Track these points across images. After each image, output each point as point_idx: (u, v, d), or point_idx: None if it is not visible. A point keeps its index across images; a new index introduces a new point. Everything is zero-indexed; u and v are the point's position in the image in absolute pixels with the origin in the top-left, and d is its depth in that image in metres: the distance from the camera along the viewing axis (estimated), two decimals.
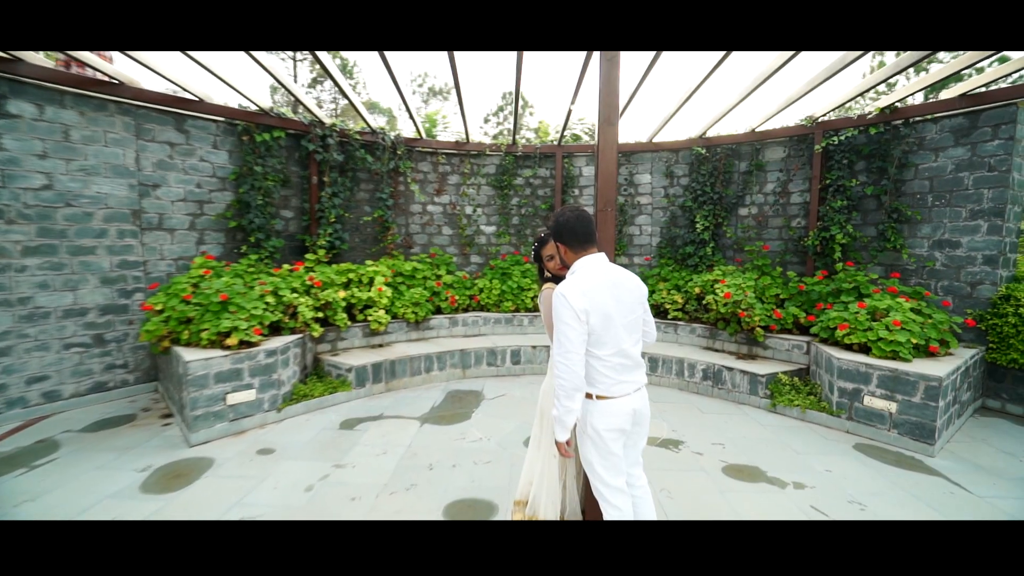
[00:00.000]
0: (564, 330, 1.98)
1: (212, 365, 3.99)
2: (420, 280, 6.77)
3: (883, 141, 5.56)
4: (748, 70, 20.59)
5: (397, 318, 6.33)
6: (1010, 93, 4.74)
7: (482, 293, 7.17)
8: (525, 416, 4.77)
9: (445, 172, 7.61)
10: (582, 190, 7.87)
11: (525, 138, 7.72)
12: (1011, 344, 4.81)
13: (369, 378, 5.31)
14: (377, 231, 7.01)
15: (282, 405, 4.54)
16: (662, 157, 7.48)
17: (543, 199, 7.90)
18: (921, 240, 5.43)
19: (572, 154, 7.80)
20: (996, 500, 3.32)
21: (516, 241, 7.94)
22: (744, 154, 6.85)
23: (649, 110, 13.58)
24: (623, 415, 2.10)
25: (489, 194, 7.83)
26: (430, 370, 5.84)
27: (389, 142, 6.81)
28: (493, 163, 7.80)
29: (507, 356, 6.28)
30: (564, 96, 23.59)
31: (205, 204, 5.56)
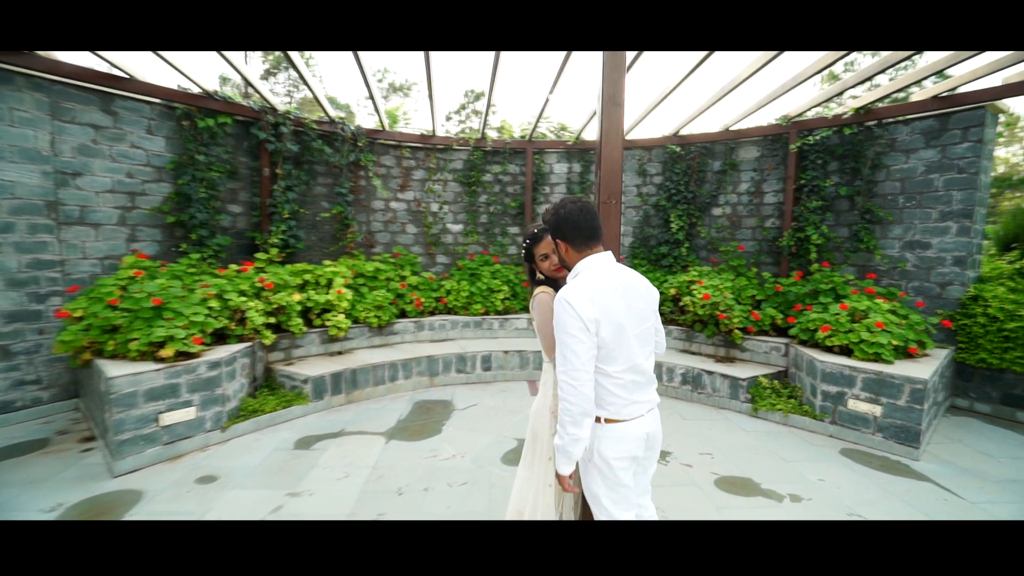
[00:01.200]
0: (570, 344, 1.66)
1: (142, 380, 3.44)
2: (383, 282, 6.32)
3: (856, 142, 5.55)
4: (725, 68, 21.06)
5: (358, 323, 5.86)
6: (979, 96, 4.78)
7: (450, 295, 6.78)
8: (500, 428, 4.43)
9: (410, 167, 7.17)
10: (553, 188, 7.61)
11: (495, 130, 7.36)
12: (980, 344, 4.86)
13: (328, 389, 4.84)
14: (336, 229, 6.50)
15: (228, 423, 4.02)
16: (635, 155, 7.31)
17: (513, 197, 7.59)
18: (892, 241, 5.45)
19: (543, 150, 7.53)
20: (989, 506, 3.24)
21: (485, 240, 7.59)
22: (718, 153, 6.76)
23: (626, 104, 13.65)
24: (636, 440, 1.81)
25: (456, 191, 7.45)
26: (395, 379, 5.41)
27: (349, 133, 6.32)
28: (460, 158, 7.42)
29: (477, 362, 5.92)
30: (528, 94, 23.50)
31: (138, 196, 4.92)
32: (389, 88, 29.57)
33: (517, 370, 6.04)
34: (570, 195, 1.93)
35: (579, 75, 9.89)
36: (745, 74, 4.75)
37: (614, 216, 2.02)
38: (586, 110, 7.19)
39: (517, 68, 48.45)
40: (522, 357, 6.04)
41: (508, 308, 6.96)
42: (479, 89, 23.34)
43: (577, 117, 17.89)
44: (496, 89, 5.39)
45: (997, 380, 4.86)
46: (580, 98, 19.11)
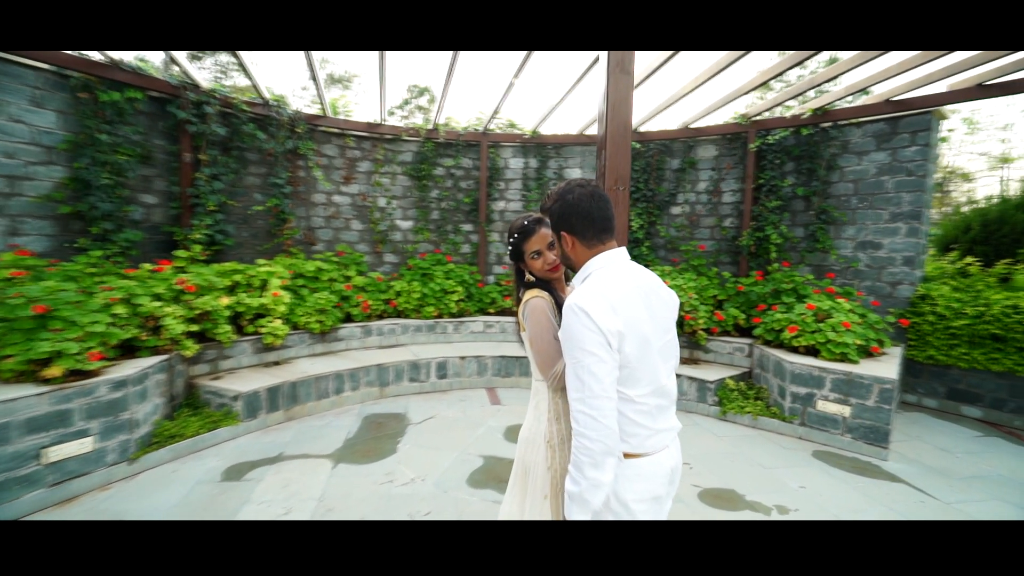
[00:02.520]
0: (587, 364, 1.31)
1: (16, 408, 2.75)
2: (326, 283, 5.72)
3: (812, 143, 5.61)
4: (687, 67, 21.52)
5: (298, 329, 5.25)
6: (926, 102, 4.92)
7: (400, 297, 6.28)
8: (462, 444, 4.03)
9: (355, 158, 6.58)
10: (508, 184, 7.28)
11: (440, 126, 6.88)
12: (928, 341, 5.01)
13: (263, 406, 4.23)
14: (271, 224, 5.82)
15: (137, 453, 3.36)
16: (592, 151, 7.11)
17: (466, 192, 7.18)
18: (846, 241, 5.54)
19: (498, 144, 7.17)
20: (962, 505, 3.23)
21: (436, 238, 7.13)
22: (677, 151, 6.68)
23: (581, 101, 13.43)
24: (661, 478, 1.49)
25: (406, 185, 6.94)
26: (341, 391, 4.86)
27: (286, 117, 5.67)
28: (411, 150, 6.92)
29: (432, 369, 5.48)
30: (479, 87, 22.84)
31: (20, 181, 4.09)
32: (328, 79, 28.17)
33: (475, 377, 5.65)
34: (576, 178, 1.61)
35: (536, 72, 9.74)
36: (708, 74, 4.65)
37: (622, 206, 1.70)
38: (540, 109, 6.91)
39: (468, 60, 47.71)
40: (480, 363, 5.65)
41: (463, 310, 6.55)
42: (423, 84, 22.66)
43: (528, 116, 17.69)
44: (437, 85, 4.97)
45: (943, 376, 5.02)
46: (533, 96, 18.81)
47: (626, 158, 1.71)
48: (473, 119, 7.05)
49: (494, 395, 5.40)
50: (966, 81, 4.65)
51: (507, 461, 3.73)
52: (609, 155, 1.69)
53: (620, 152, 1.69)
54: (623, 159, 1.71)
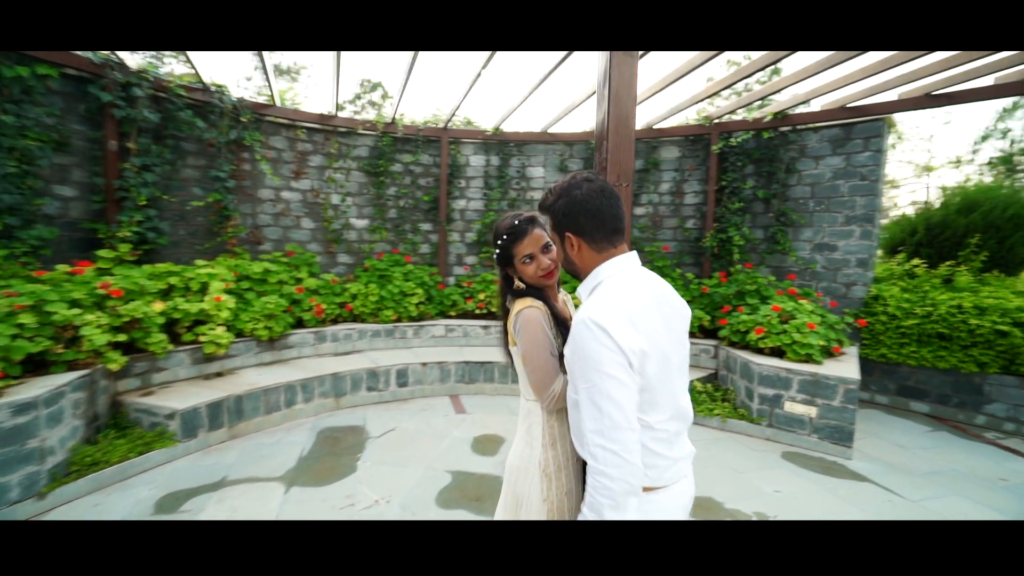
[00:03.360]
0: (607, 389, 1.12)
1: None
2: (274, 285, 5.29)
3: (772, 146, 5.71)
4: (653, 67, 21.74)
5: (244, 336, 4.81)
6: (880, 109, 5.09)
7: (356, 300, 5.91)
8: (428, 458, 3.77)
9: (306, 151, 6.14)
10: (469, 182, 7.04)
11: (393, 121, 6.55)
12: (881, 340, 5.19)
13: (204, 423, 3.81)
14: (212, 221, 5.31)
15: (49, 487, 2.89)
16: (556, 150, 6.99)
17: (425, 190, 6.89)
18: (803, 243, 5.68)
19: (459, 140, 6.92)
20: (927, 503, 3.30)
21: (394, 238, 6.79)
22: (640, 151, 6.66)
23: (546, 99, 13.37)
24: (679, 511, 1.33)
25: (361, 181, 6.56)
26: (292, 403, 4.48)
27: (229, 105, 5.18)
28: (366, 145, 6.55)
29: (392, 377, 5.17)
30: (437, 84, 22.26)
31: None
32: (275, 70, 26.81)
33: (437, 384, 5.39)
34: (581, 171, 1.41)
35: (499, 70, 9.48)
36: (676, 75, 4.63)
37: (626, 204, 1.52)
38: (501, 106, 6.72)
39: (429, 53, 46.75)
40: (442, 369, 5.39)
41: (423, 313, 6.26)
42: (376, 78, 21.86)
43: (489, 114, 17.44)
44: (388, 79, 4.69)
45: (894, 373, 5.22)
46: (495, 94, 18.52)
47: (629, 151, 1.54)
48: (430, 115, 6.76)
49: (458, 403, 5.16)
50: (916, 90, 4.83)
51: (477, 476, 3.51)
52: (611, 147, 1.51)
53: (623, 144, 1.52)
54: (626, 152, 1.54)
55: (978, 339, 4.67)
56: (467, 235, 7.09)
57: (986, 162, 15.39)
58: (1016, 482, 3.68)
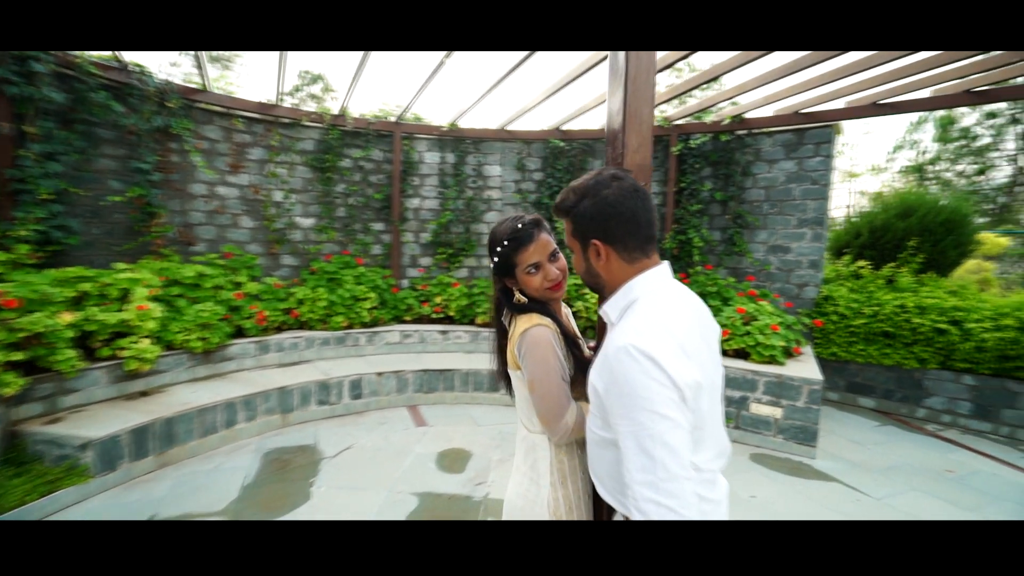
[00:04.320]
0: (660, 433, 0.92)
1: None
2: (209, 291, 4.75)
3: (729, 149, 5.80)
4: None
5: (174, 349, 4.27)
6: (831, 116, 5.27)
7: (303, 306, 5.46)
8: (390, 479, 3.47)
9: (244, 143, 5.60)
10: (423, 179, 6.71)
11: (334, 114, 6.11)
12: (832, 339, 5.38)
13: (125, 453, 3.30)
14: (134, 219, 4.70)
15: None
16: (514, 148, 6.80)
17: (377, 187, 6.50)
18: (758, 245, 5.81)
19: (413, 136, 6.58)
20: (891, 499, 3.39)
21: (343, 238, 6.36)
22: (599, 151, 6.60)
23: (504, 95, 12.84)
24: None
25: (307, 177, 6.08)
26: (233, 423, 4.02)
27: (152, 88, 4.59)
28: (312, 138, 6.07)
29: (345, 389, 4.79)
30: (389, 75, 21.15)
31: None
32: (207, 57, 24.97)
33: (394, 395, 5.05)
34: (607, 168, 1.19)
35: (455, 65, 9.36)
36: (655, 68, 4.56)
37: None
38: (456, 102, 6.45)
39: None
40: (399, 379, 5.06)
41: (377, 319, 5.89)
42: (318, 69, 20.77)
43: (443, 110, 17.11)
44: (332, 71, 4.34)
45: (844, 370, 5.43)
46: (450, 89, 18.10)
47: (648, 146, 1.36)
48: (381, 108, 6.37)
49: (417, 414, 4.85)
50: (863, 99, 5.03)
51: (446, 498, 3.25)
52: (628, 143, 1.32)
53: (642, 139, 1.34)
54: (645, 148, 1.36)
55: (919, 337, 4.93)
56: (422, 235, 6.77)
57: (899, 170, 16.72)
58: (961, 473, 3.87)
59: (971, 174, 14.70)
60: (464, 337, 5.99)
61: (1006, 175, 14.30)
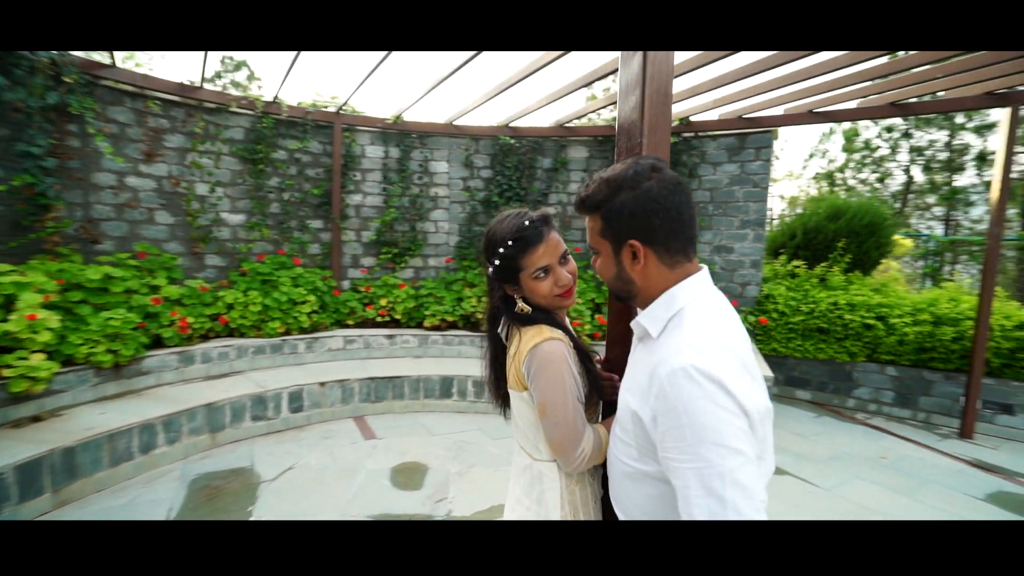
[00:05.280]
0: (732, 471, 0.79)
1: None
2: (120, 296, 4.16)
3: (676, 151, 5.91)
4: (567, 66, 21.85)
5: (76, 364, 3.68)
6: (771, 121, 5.50)
7: (233, 311, 4.94)
8: (341, 501, 3.16)
9: (161, 128, 4.97)
10: (366, 174, 6.33)
11: (265, 101, 5.61)
12: (772, 336, 5.63)
13: (12, 494, 2.75)
14: (22, 212, 4.00)
15: None
16: (461, 144, 6.57)
17: (314, 182, 6.04)
18: (704, 245, 5.97)
19: (355, 128, 6.18)
20: (840, 488, 3.54)
21: (278, 236, 5.85)
22: (548, 150, 6.52)
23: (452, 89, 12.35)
24: None
25: (236, 169, 5.52)
26: (151, 447, 3.51)
27: (46, 59, 3.94)
28: (242, 126, 5.52)
29: (283, 402, 4.37)
30: (323, 65, 20.07)
31: None
32: None
33: (339, 406, 4.69)
34: (643, 157, 1.04)
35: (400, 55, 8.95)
36: (591, 77, 4.57)
37: None
38: (401, 95, 6.13)
39: None
40: (344, 388, 4.70)
41: (317, 324, 5.46)
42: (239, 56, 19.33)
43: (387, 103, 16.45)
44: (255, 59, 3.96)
45: (782, 365, 5.70)
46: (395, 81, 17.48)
47: (666, 143, 1.24)
48: (318, 96, 5.92)
49: (365, 426, 4.53)
50: (799, 107, 5.28)
51: (405, 519, 3.00)
52: (647, 140, 1.19)
53: (660, 136, 1.21)
54: (663, 144, 1.23)
55: (850, 332, 5.25)
56: (364, 234, 6.38)
57: (812, 176, 18.12)
58: (893, 459, 4.13)
59: (872, 182, 16.19)
60: (412, 341, 5.69)
61: (900, 183, 15.88)
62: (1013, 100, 4.37)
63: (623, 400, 1.03)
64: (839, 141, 16.42)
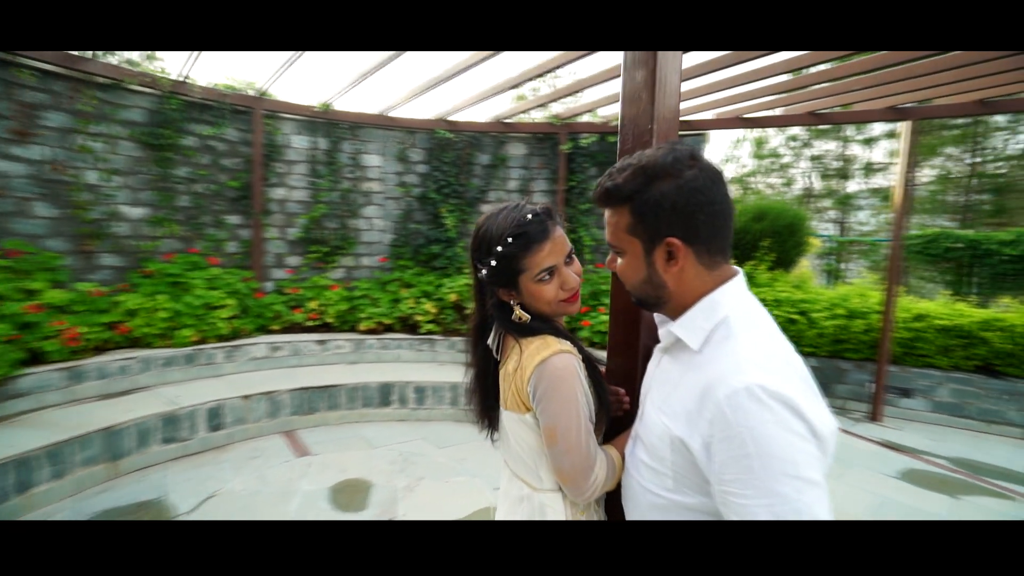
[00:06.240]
0: (810, 505, 0.69)
1: None
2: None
3: (615, 150, 5.97)
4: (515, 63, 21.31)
5: None
6: (705, 125, 5.71)
7: (135, 318, 4.32)
8: None
9: (38, 104, 4.22)
10: (291, 166, 5.83)
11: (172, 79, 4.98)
12: None
13: None
14: None
15: None
16: (396, 137, 6.25)
17: (231, 173, 5.46)
18: None
19: (278, 115, 5.66)
20: None
21: (188, 232, 5.21)
22: (487, 145, 6.36)
23: (387, 79, 11.40)
24: None
25: (136, 155, 4.84)
26: (31, 484, 2.94)
27: None
28: (142, 107, 4.85)
29: (200, 420, 3.87)
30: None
31: None
32: None
33: (266, 420, 4.25)
34: (679, 143, 0.89)
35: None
36: (532, 73, 4.51)
37: None
38: (331, 82, 5.72)
39: None
40: (271, 401, 4.27)
41: (237, 330, 4.93)
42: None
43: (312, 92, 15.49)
44: None
45: None
46: (324, 66, 16.38)
47: (675, 120, 1.17)
48: (230, 78, 5.35)
49: (297, 442, 4.13)
50: (730, 112, 5.52)
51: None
52: (659, 112, 1.12)
53: (669, 109, 1.13)
54: (671, 124, 1.14)
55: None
56: (289, 231, 5.87)
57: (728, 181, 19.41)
58: None
59: (779, 186, 17.62)
60: (346, 347, 5.32)
61: (801, 188, 17.42)
62: (913, 114, 4.82)
63: (655, 422, 0.90)
64: (748, 148, 17.71)
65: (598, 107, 5.58)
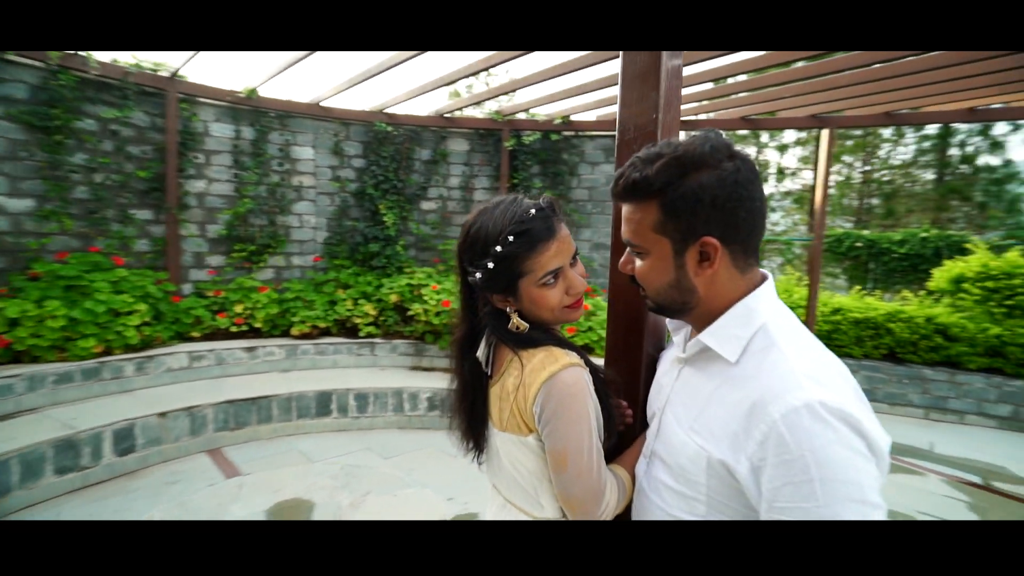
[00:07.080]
0: None
1: None
2: None
3: (557, 149, 5.98)
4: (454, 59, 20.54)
5: None
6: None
7: (18, 328, 3.71)
8: None
9: None
10: (211, 156, 5.30)
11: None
12: None
13: None
14: None
15: None
16: (330, 128, 5.88)
17: (140, 162, 4.86)
18: (584, 243, 6.15)
19: (195, 99, 5.11)
20: None
21: (87, 228, 4.57)
22: (427, 140, 6.15)
23: (319, 65, 10.27)
24: None
25: (17, 138, 4.17)
26: None
27: None
28: (26, 81, 4.18)
29: (105, 444, 3.39)
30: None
31: None
32: None
33: (187, 439, 3.81)
34: (712, 134, 0.77)
35: None
36: (474, 68, 4.41)
37: None
38: (257, 67, 5.28)
39: None
40: (193, 417, 3.84)
41: (150, 339, 4.40)
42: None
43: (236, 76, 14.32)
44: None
45: None
46: (241, 54, 15.11)
47: (676, 112, 1.12)
48: (139, 56, 4.76)
49: (225, 460, 3.74)
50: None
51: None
52: (663, 102, 1.04)
53: (675, 115, 1.06)
54: (673, 118, 1.09)
55: None
56: (210, 227, 5.34)
57: None
58: None
59: None
60: (278, 353, 4.91)
61: None
62: (831, 122, 5.21)
63: (683, 442, 0.82)
64: None
65: (532, 107, 5.55)
